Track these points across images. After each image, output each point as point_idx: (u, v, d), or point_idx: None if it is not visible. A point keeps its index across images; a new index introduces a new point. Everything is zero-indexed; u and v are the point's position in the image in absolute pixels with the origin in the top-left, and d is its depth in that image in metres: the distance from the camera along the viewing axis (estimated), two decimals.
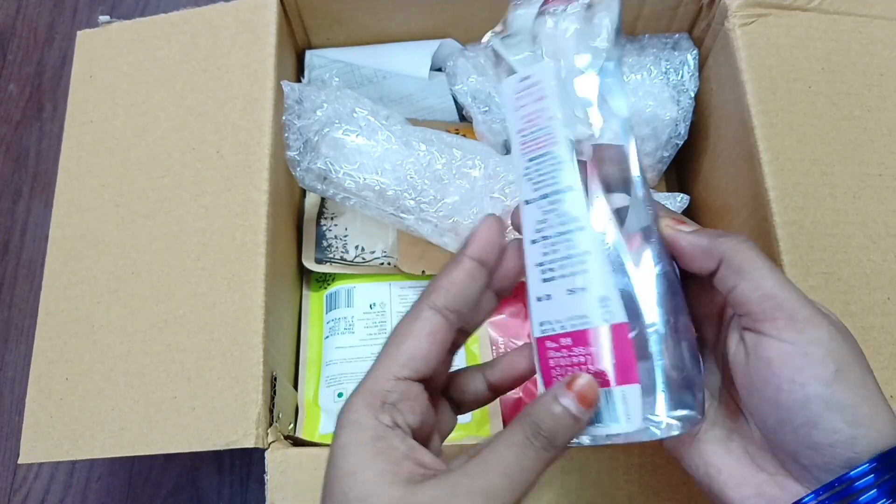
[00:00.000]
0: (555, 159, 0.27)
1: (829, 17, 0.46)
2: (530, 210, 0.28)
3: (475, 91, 0.52)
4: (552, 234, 0.27)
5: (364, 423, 0.25)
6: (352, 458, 0.24)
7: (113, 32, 0.48)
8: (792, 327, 0.25)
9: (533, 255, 0.28)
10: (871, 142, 0.43)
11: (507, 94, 0.29)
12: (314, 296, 0.53)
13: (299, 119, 0.46)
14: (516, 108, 0.29)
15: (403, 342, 0.26)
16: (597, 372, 0.26)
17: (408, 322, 0.27)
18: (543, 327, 0.27)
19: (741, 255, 0.26)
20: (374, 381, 0.26)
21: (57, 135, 0.56)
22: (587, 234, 0.26)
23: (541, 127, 0.28)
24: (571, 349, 0.26)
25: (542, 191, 0.27)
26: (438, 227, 0.46)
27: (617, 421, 0.26)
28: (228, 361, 0.39)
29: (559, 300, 0.27)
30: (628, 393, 0.26)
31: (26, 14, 0.73)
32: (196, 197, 0.42)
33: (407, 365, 0.26)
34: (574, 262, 0.26)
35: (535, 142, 0.28)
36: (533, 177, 0.28)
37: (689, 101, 0.51)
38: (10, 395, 0.58)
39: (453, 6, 0.52)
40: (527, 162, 0.28)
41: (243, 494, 0.54)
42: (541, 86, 0.28)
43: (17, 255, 0.63)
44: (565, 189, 0.27)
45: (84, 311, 0.41)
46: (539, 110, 0.28)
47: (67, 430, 0.38)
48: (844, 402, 0.24)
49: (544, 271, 0.27)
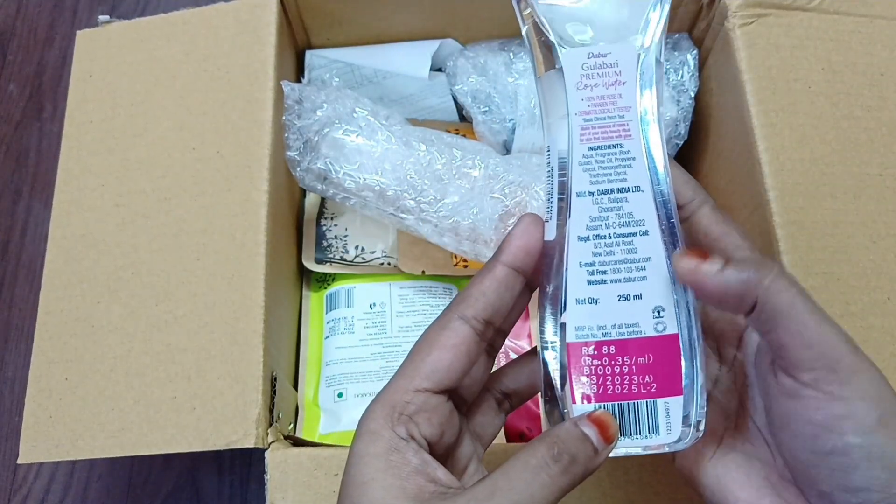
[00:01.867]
0: (626, 154, 0.25)
1: (829, 17, 0.46)
2: (582, 204, 0.25)
3: (475, 91, 0.52)
4: (609, 234, 0.25)
5: (379, 433, 0.24)
6: (364, 468, 0.24)
7: (113, 32, 0.48)
8: (834, 379, 0.23)
9: (579, 253, 0.25)
10: (871, 142, 0.43)
11: (569, 69, 0.26)
12: (314, 296, 0.53)
13: (299, 119, 0.46)
14: (581, 86, 0.26)
15: (428, 353, 0.25)
16: (642, 383, 0.25)
17: (434, 331, 0.26)
18: (581, 332, 0.25)
19: (777, 298, 0.23)
20: (394, 391, 0.25)
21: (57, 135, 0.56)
22: (651, 239, 0.25)
23: (612, 115, 0.25)
24: (615, 357, 0.25)
25: (604, 185, 0.25)
26: (438, 227, 0.46)
27: (658, 432, 0.25)
28: (228, 361, 0.39)
29: (607, 305, 0.25)
30: (672, 405, 0.25)
31: (26, 14, 0.73)
32: (196, 197, 0.42)
33: (429, 377, 0.25)
34: (632, 268, 0.25)
35: (602, 130, 0.26)
36: (593, 168, 0.25)
37: (689, 101, 0.51)
38: (10, 395, 0.58)
39: (453, 6, 0.52)
40: (586, 150, 0.26)
41: (243, 494, 0.54)
42: (619, 69, 0.26)
43: (17, 255, 0.63)
44: (633, 188, 0.25)
45: (84, 310, 0.41)
46: (613, 96, 0.26)
47: (67, 430, 0.38)
48: (886, 449, 0.23)
49: (592, 272, 0.25)
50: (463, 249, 0.46)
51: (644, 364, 0.25)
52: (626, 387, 0.25)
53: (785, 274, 0.24)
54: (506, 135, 0.52)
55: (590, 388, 0.25)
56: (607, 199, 0.25)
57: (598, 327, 0.25)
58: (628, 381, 0.25)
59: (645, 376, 0.25)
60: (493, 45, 0.53)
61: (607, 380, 0.25)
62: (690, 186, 0.28)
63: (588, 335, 0.25)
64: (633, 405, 0.25)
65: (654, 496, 0.36)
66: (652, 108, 0.26)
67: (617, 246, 0.25)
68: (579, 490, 0.36)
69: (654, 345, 0.25)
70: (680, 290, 0.25)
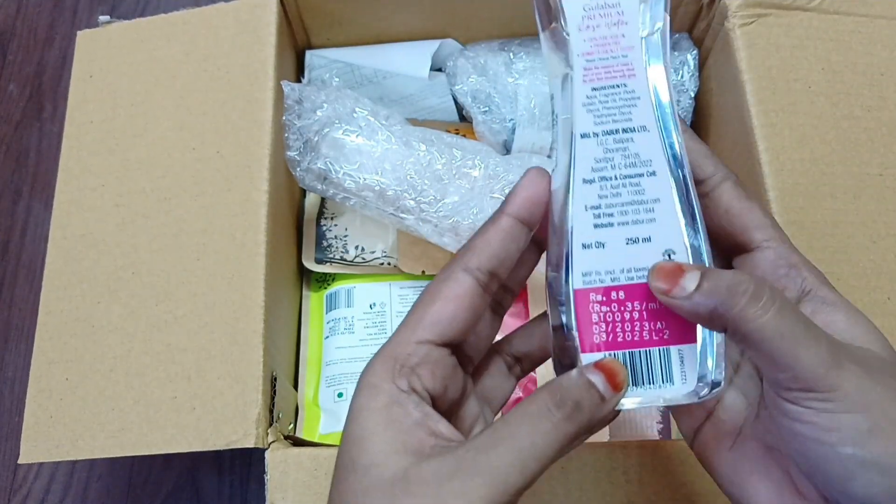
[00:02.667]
0: (630, 93, 0.25)
1: (829, 17, 0.46)
2: (586, 145, 0.25)
3: (475, 91, 0.52)
4: (615, 175, 0.24)
5: (380, 386, 0.24)
6: (364, 422, 0.23)
7: (113, 33, 0.48)
8: (814, 397, 0.22)
9: (584, 197, 0.25)
10: (871, 142, 0.43)
11: (571, 9, 0.25)
12: (314, 296, 0.53)
13: (299, 119, 0.46)
14: (582, 27, 0.25)
15: (431, 304, 0.25)
16: (654, 329, 0.24)
17: (437, 284, 0.25)
18: (588, 278, 0.24)
19: (746, 326, 0.23)
20: (395, 344, 0.25)
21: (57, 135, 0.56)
22: (659, 180, 0.24)
23: (615, 55, 0.25)
24: (624, 303, 0.24)
25: (608, 126, 0.25)
26: (438, 227, 0.46)
27: (672, 382, 0.24)
28: (228, 361, 0.39)
29: (614, 249, 0.24)
30: (686, 353, 0.24)
31: (26, 14, 0.73)
32: (196, 197, 0.42)
33: (430, 328, 0.24)
34: (640, 210, 0.24)
35: (605, 69, 0.25)
36: (597, 108, 0.25)
37: (689, 101, 0.51)
38: (10, 395, 0.58)
39: (453, 6, 0.52)
40: (590, 90, 0.25)
41: (243, 494, 0.54)
42: (621, 9, 0.25)
43: (17, 255, 0.63)
44: (639, 128, 0.25)
45: (84, 311, 0.41)
46: (615, 36, 0.25)
47: (68, 430, 0.38)
48: (881, 456, 0.22)
49: (599, 216, 0.24)
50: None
51: (655, 310, 0.24)
52: (636, 334, 0.24)
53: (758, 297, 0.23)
54: (506, 135, 0.52)
55: (599, 336, 0.24)
56: (612, 139, 0.25)
57: (605, 272, 0.24)
58: (639, 328, 0.24)
59: (657, 322, 0.24)
60: (493, 45, 0.53)
61: (617, 327, 0.24)
62: (711, 161, 0.27)
63: (595, 280, 0.24)
64: (644, 353, 0.24)
65: (654, 496, 0.36)
66: (656, 46, 0.25)
67: (623, 187, 0.24)
68: (579, 490, 0.37)
69: None
70: (691, 232, 0.24)
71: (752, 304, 0.22)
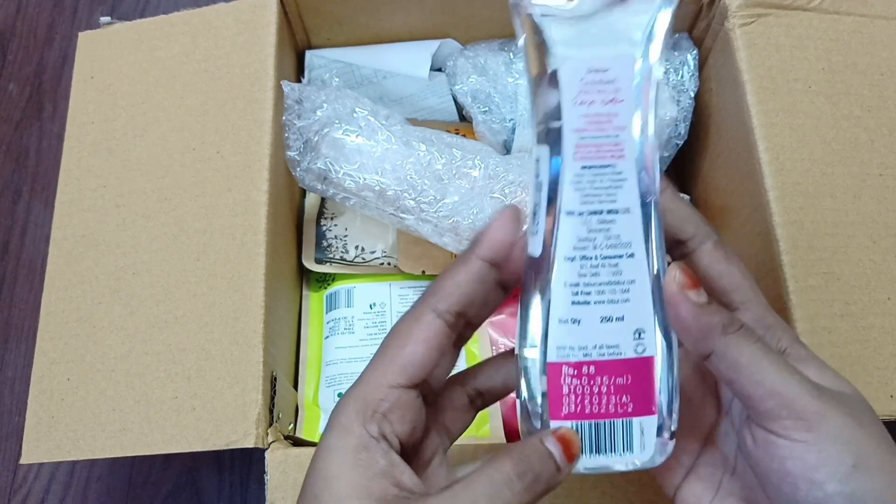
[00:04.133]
0: (618, 175, 0.25)
1: (829, 17, 0.46)
2: (571, 223, 0.25)
3: (475, 91, 0.52)
4: (595, 255, 0.25)
5: (351, 429, 0.24)
6: (332, 463, 0.24)
7: (113, 33, 0.48)
8: (801, 426, 0.23)
9: (564, 274, 0.25)
10: (871, 142, 0.43)
11: (566, 82, 0.25)
12: (314, 296, 0.53)
13: (299, 119, 0.46)
14: (577, 101, 0.25)
15: (402, 347, 0.25)
16: (619, 402, 0.25)
17: (407, 325, 0.26)
18: (562, 352, 0.25)
19: (736, 350, 0.24)
20: (367, 387, 0.25)
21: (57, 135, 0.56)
22: (636, 261, 0.25)
23: (608, 134, 0.25)
24: (594, 378, 0.25)
25: (593, 206, 0.25)
26: (438, 227, 0.46)
27: (632, 450, 0.25)
28: (228, 361, 0.39)
29: (589, 326, 0.25)
30: (646, 424, 0.25)
31: (26, 14, 0.73)
32: (196, 197, 0.43)
33: (401, 372, 0.25)
34: (616, 290, 0.25)
35: (595, 148, 0.25)
36: (584, 187, 0.25)
37: (689, 101, 0.51)
38: (11, 395, 0.58)
39: (453, 6, 0.52)
40: (579, 168, 0.25)
41: (243, 494, 0.54)
42: (618, 86, 0.25)
43: (17, 255, 0.63)
44: (622, 210, 0.25)
45: (85, 311, 0.41)
46: (609, 114, 0.25)
47: (69, 430, 0.38)
48: (866, 494, 0.23)
49: (577, 293, 0.25)
50: (463, 249, 0.46)
51: (622, 384, 0.25)
52: (603, 406, 0.25)
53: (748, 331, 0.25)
54: (506, 135, 0.52)
55: (567, 407, 0.25)
56: (596, 219, 0.25)
57: (579, 347, 0.25)
58: (605, 401, 0.25)
59: (622, 396, 0.25)
60: (493, 45, 0.53)
61: (585, 399, 0.25)
62: (692, 222, 0.28)
63: (569, 355, 0.25)
64: (609, 423, 0.26)
65: (655, 496, 0.36)
66: (647, 127, 0.26)
67: (603, 268, 0.25)
68: (580, 491, 0.37)
69: (632, 366, 0.25)
70: (660, 312, 0.25)
71: (745, 334, 0.24)
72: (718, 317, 0.25)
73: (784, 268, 0.40)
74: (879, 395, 0.38)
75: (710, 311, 0.25)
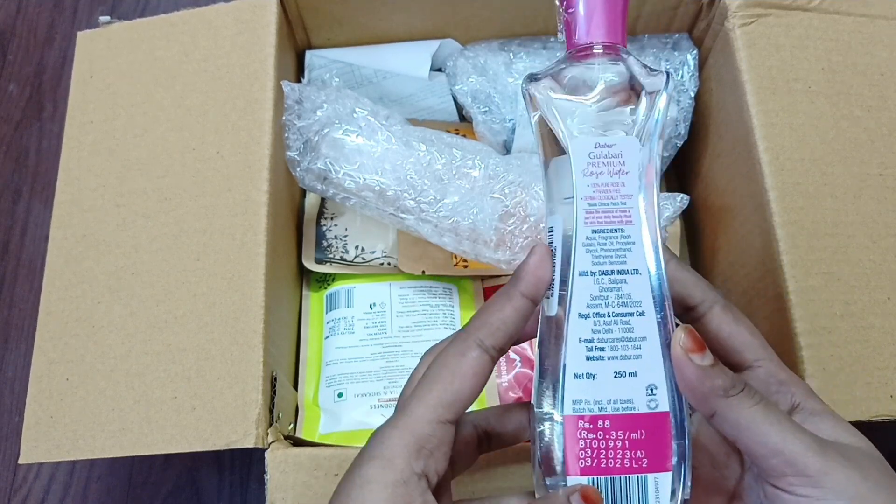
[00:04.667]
0: (627, 238, 0.27)
1: (829, 17, 0.46)
2: (584, 283, 0.27)
3: (475, 91, 0.52)
4: (608, 313, 0.27)
5: (394, 462, 0.24)
6: (369, 496, 0.24)
7: (113, 33, 0.48)
8: (806, 483, 0.24)
9: (579, 330, 0.27)
10: (871, 142, 0.43)
11: (578, 156, 0.27)
12: (314, 296, 0.53)
13: (299, 119, 0.46)
14: (587, 173, 0.27)
15: (451, 383, 0.25)
16: (634, 457, 0.26)
17: (454, 359, 0.26)
18: (578, 406, 0.26)
19: (737, 412, 0.25)
20: (415, 421, 0.25)
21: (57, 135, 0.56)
22: (647, 319, 0.26)
23: (616, 202, 0.27)
24: (609, 432, 0.26)
25: (605, 266, 0.27)
26: (438, 227, 0.46)
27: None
28: (228, 361, 0.39)
29: (603, 381, 0.26)
30: (661, 481, 0.26)
31: (26, 14, 0.73)
32: (196, 197, 0.42)
33: (450, 408, 0.25)
34: (628, 346, 0.26)
35: (605, 214, 0.27)
36: (595, 249, 0.27)
37: (689, 101, 0.51)
38: (10, 395, 0.58)
39: (453, 6, 0.52)
40: (590, 232, 0.27)
41: (243, 494, 0.54)
42: (623, 159, 0.27)
43: (17, 255, 0.63)
44: (632, 271, 0.27)
45: (84, 311, 0.41)
46: (617, 184, 0.27)
47: (68, 430, 0.38)
48: None
49: (591, 349, 0.27)
50: (463, 249, 0.46)
51: (637, 439, 0.26)
52: (618, 461, 0.26)
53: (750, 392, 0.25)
54: (506, 135, 0.52)
55: (584, 461, 0.26)
56: (608, 279, 0.27)
57: (594, 402, 0.26)
58: (621, 456, 0.26)
59: (637, 451, 0.26)
60: (493, 45, 0.53)
61: (601, 453, 0.26)
62: (700, 288, 0.29)
63: (585, 409, 0.26)
64: (625, 479, 0.26)
65: None
66: (651, 197, 0.27)
67: (615, 325, 0.26)
68: None
69: (646, 421, 0.26)
70: (671, 369, 0.26)
71: (747, 396, 0.25)
72: (721, 379, 0.25)
73: (784, 268, 0.40)
74: (879, 396, 0.38)
75: (713, 374, 0.25)
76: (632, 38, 0.52)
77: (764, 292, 0.42)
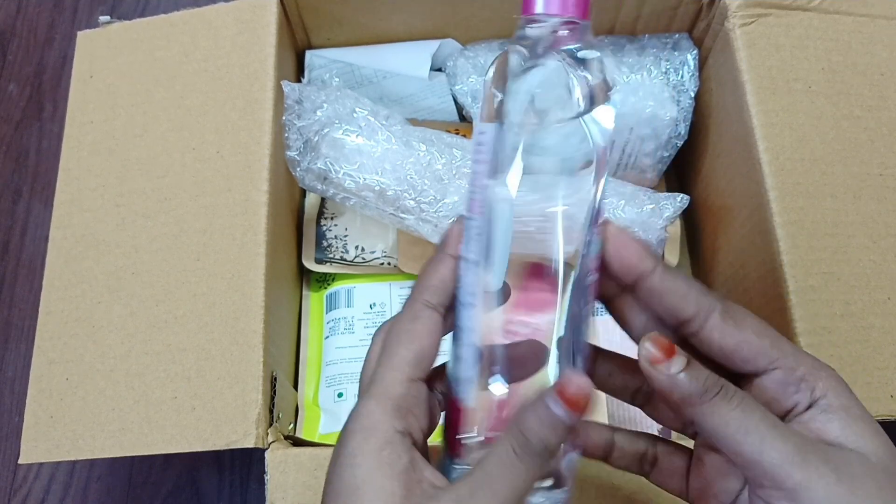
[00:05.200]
0: (478, 229, 0.26)
1: (829, 17, 0.46)
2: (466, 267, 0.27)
3: (475, 91, 0.52)
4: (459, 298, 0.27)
5: (377, 429, 0.24)
6: (357, 469, 0.24)
7: (113, 33, 0.48)
8: (784, 496, 0.23)
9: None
10: (871, 142, 0.43)
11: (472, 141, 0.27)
12: (314, 296, 0.53)
13: (299, 119, 0.46)
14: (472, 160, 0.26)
15: (411, 343, 0.26)
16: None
17: (408, 323, 0.26)
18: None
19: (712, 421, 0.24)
20: (386, 385, 0.25)
21: (57, 135, 0.56)
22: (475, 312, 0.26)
23: (475, 190, 0.26)
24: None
25: (466, 255, 0.26)
26: (438, 227, 0.46)
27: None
28: (228, 361, 0.39)
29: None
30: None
31: (26, 14, 0.73)
32: (196, 197, 0.42)
33: (418, 366, 0.26)
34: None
35: (471, 202, 0.26)
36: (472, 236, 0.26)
37: (689, 101, 0.51)
38: (10, 395, 0.58)
39: (453, 6, 0.52)
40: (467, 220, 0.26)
41: (243, 494, 0.54)
42: (485, 147, 0.25)
43: (17, 255, 0.63)
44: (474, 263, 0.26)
45: (84, 311, 0.41)
46: (478, 173, 0.26)
47: (68, 430, 0.38)
48: None
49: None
50: None
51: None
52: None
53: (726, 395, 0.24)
54: None
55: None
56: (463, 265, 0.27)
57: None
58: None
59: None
60: (493, 45, 0.53)
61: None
62: (692, 298, 0.26)
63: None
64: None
65: (656, 496, 0.36)
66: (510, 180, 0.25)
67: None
68: (579, 490, 0.36)
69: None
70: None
71: (722, 399, 0.24)
72: (693, 384, 0.24)
73: (784, 268, 0.40)
74: (879, 396, 0.38)
75: (681, 383, 0.24)
76: (632, 39, 0.52)
77: (764, 292, 0.42)
